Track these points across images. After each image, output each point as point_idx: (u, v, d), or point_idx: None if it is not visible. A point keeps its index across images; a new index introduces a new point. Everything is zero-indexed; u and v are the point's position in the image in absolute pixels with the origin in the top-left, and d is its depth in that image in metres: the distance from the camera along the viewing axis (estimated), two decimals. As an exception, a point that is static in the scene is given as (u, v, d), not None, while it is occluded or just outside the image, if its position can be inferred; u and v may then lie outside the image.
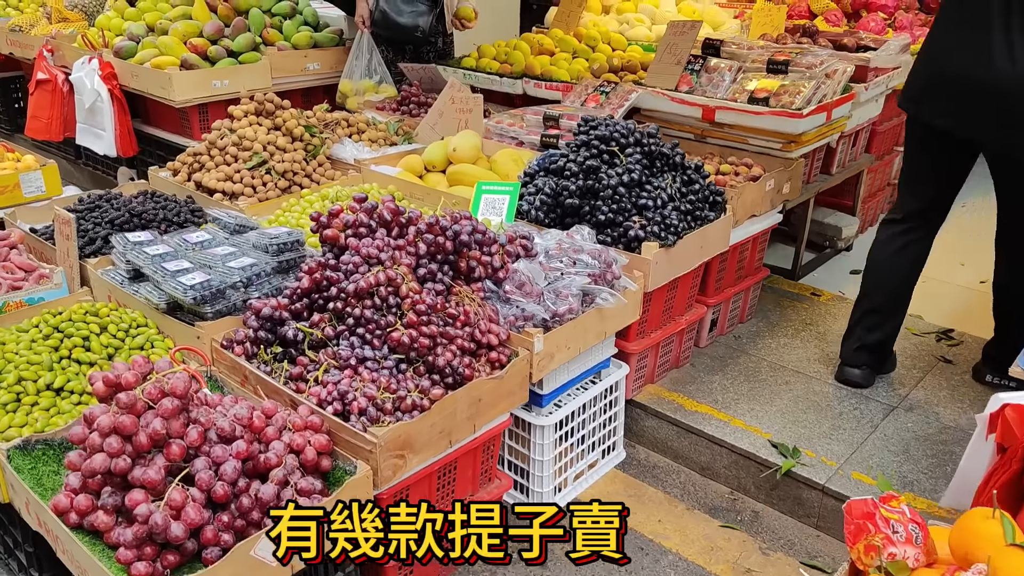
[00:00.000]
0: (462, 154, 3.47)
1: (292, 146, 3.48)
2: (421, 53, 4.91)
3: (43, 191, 3.95)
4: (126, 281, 2.67)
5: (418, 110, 4.37)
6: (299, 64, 4.85)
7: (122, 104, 4.64)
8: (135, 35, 4.59)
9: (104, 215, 3.08)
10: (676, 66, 3.84)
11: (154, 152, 4.86)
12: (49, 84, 5.04)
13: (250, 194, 3.33)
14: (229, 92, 4.53)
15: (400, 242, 2.30)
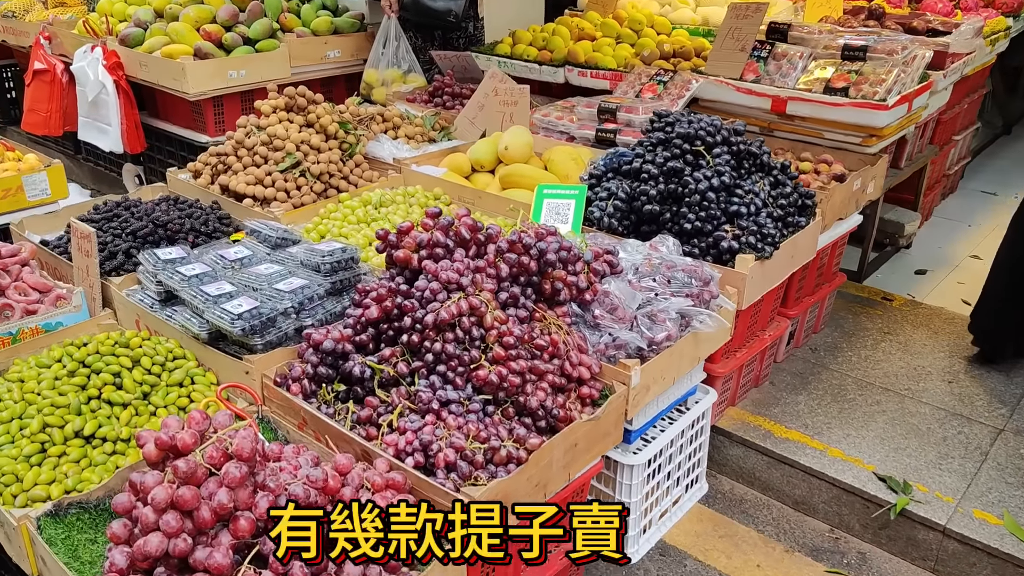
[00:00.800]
0: (515, 153, 3.18)
1: (326, 145, 3.19)
2: (451, 39, 4.60)
3: (48, 194, 3.64)
4: (157, 304, 2.38)
5: (452, 102, 4.07)
6: (319, 52, 4.53)
7: (129, 96, 4.32)
8: (142, 21, 4.26)
9: (124, 226, 2.78)
10: (740, 52, 3.55)
11: (163, 148, 4.54)
12: (47, 74, 4.72)
13: (283, 199, 3.03)
14: (246, 83, 4.22)
15: (479, 263, 2.02)
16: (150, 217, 2.80)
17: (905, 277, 4.18)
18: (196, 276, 2.28)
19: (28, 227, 2.97)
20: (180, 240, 2.77)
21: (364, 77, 4.44)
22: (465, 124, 3.74)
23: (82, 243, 2.50)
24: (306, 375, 2.04)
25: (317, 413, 1.95)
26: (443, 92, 4.13)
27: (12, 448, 1.94)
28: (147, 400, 2.11)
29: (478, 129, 3.73)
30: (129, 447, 1.99)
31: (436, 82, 4.18)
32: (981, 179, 5.68)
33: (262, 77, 4.28)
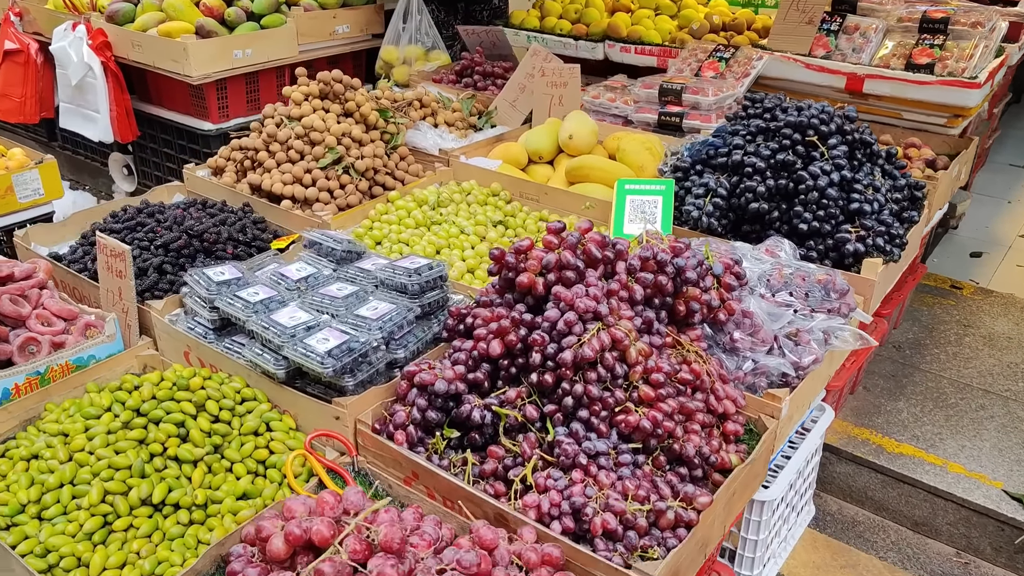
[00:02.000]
0: (580, 142, 2.89)
1: (367, 137, 2.86)
2: (474, 12, 4.26)
3: (41, 194, 3.26)
4: (211, 333, 2.06)
5: (484, 82, 3.75)
6: (327, 27, 4.16)
7: (118, 80, 3.91)
8: (131, -5, 3.84)
9: (152, 236, 2.45)
10: (807, 26, 3.29)
11: (157, 136, 4.14)
12: (20, 55, 4.26)
13: (327, 200, 2.71)
14: (252, 63, 3.85)
15: (612, 285, 1.74)
16: (182, 227, 2.46)
17: (960, 260, 4.02)
18: (262, 303, 1.96)
19: (34, 238, 2.60)
20: (218, 251, 2.44)
21: (381, 55, 4.09)
22: (505, 107, 3.44)
23: (113, 262, 2.17)
24: (412, 420, 1.76)
25: (433, 467, 1.67)
26: (472, 71, 3.81)
27: (67, 523, 1.64)
28: (219, 454, 1.80)
29: (520, 113, 3.42)
30: (208, 514, 1.69)
31: (464, 60, 3.85)
32: (1006, 151, 5.54)
33: (268, 57, 3.91)
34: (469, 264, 2.37)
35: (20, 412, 1.94)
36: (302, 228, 2.63)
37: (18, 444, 1.85)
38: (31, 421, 1.95)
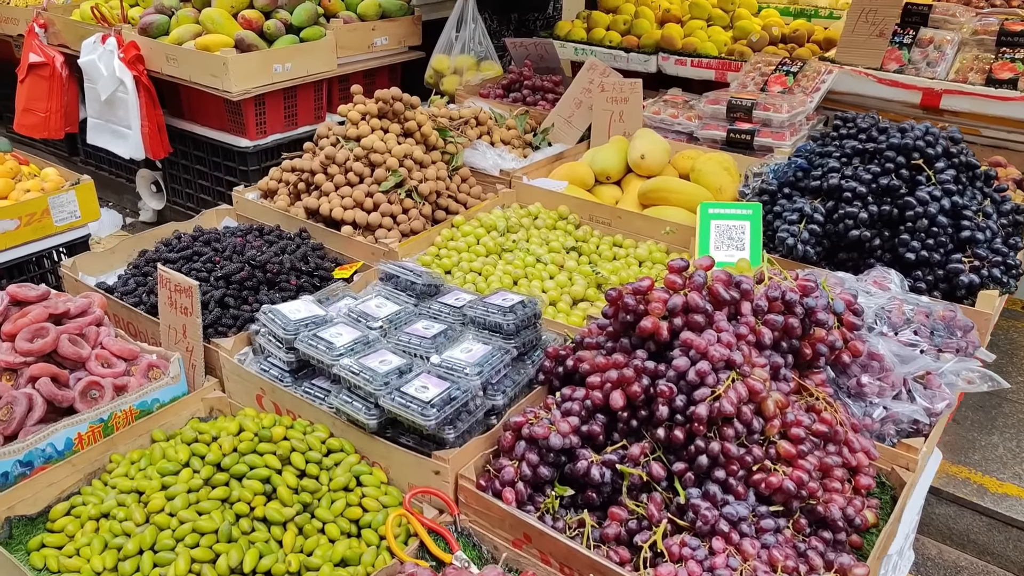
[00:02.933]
0: (653, 162, 2.76)
1: (428, 158, 2.72)
2: (527, 22, 4.14)
3: (77, 216, 3.12)
4: (286, 376, 1.92)
5: (533, 96, 3.62)
6: (366, 39, 4.03)
7: (151, 94, 3.77)
8: (165, 7, 3.71)
9: (209, 266, 2.30)
10: (878, 39, 3.16)
11: (190, 153, 4.00)
12: (45, 69, 4.13)
13: (390, 225, 2.57)
14: (291, 78, 3.71)
15: (741, 329, 1.60)
16: (243, 257, 2.32)
17: None
18: (348, 346, 1.82)
19: (82, 268, 2.46)
20: (281, 282, 2.30)
21: (432, 63, 3.96)
22: (561, 124, 3.30)
23: (178, 298, 2.02)
24: (521, 477, 1.62)
25: (548, 530, 1.53)
26: (522, 85, 3.68)
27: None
28: (309, 513, 1.66)
29: (577, 129, 3.29)
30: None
31: (512, 74, 3.72)
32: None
33: (308, 71, 3.77)
34: (551, 296, 2.23)
35: (84, 465, 1.80)
36: (365, 255, 2.49)
37: (85, 501, 1.71)
38: (96, 474, 1.81)
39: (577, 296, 2.25)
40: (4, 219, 2.89)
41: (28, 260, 3.03)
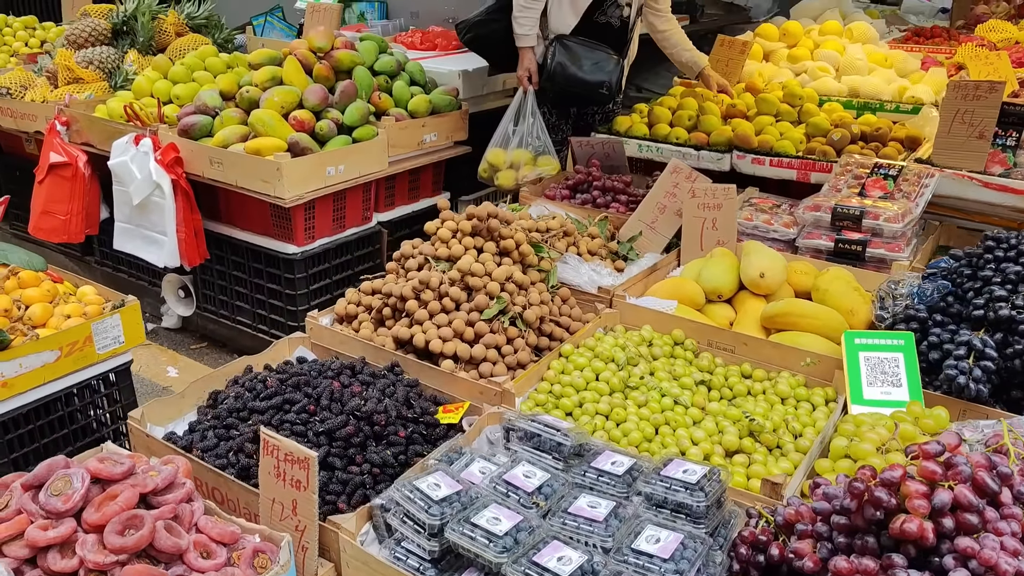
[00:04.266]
0: (773, 280, 2.55)
1: (526, 278, 2.48)
2: (585, 115, 3.98)
3: (121, 342, 2.82)
4: (428, 567, 1.63)
5: (603, 198, 3.42)
6: (416, 136, 3.83)
7: (189, 199, 3.52)
8: (208, 107, 3.48)
9: (304, 416, 2.02)
10: (978, 140, 3.02)
11: (226, 258, 3.73)
12: (67, 169, 3.87)
13: (495, 358, 2.31)
14: (344, 180, 3.49)
15: (1012, 526, 1.35)
16: (345, 407, 2.04)
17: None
18: (511, 535, 1.54)
19: (150, 417, 2.15)
20: (390, 436, 2.02)
21: (488, 157, 3.76)
22: (646, 231, 3.10)
23: (289, 469, 1.73)
24: None
25: None
26: (589, 185, 3.48)
27: None
28: None
29: (662, 236, 3.09)
30: None
31: (579, 174, 3.53)
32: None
33: (360, 172, 3.56)
34: (703, 448, 1.98)
35: None
36: (470, 394, 2.23)
37: None
38: None
39: (731, 448, 1.99)
40: (44, 351, 2.58)
41: (68, 393, 2.71)
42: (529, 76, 3.67)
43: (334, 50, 3.67)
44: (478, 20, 3.71)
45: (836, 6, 5.13)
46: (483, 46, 3.82)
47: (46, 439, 2.70)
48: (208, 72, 4.02)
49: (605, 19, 3.65)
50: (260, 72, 3.52)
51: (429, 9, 4.84)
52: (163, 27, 4.47)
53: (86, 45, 4.29)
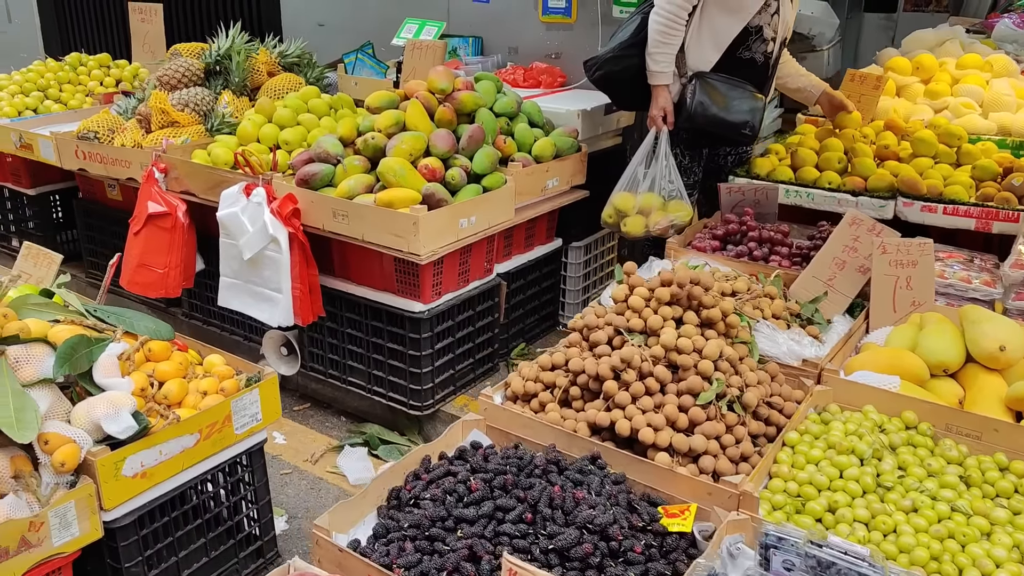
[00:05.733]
0: (1015, 353, 2.24)
1: (734, 352, 2.19)
2: (716, 157, 3.72)
3: (258, 419, 2.57)
4: None
5: (760, 249, 3.13)
6: (540, 182, 3.58)
7: (305, 253, 3.28)
8: (329, 154, 3.24)
9: (523, 527, 1.73)
10: None
11: (340, 315, 3.47)
12: (167, 219, 3.64)
13: (716, 451, 2.02)
14: (474, 233, 3.24)
15: None
16: (570, 516, 1.75)
17: None
18: None
19: (333, 526, 1.87)
20: (627, 552, 1.72)
21: (614, 202, 3.49)
22: (818, 289, 2.81)
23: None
24: None
25: None
26: (744, 237, 3.20)
27: None
28: None
29: (843, 296, 2.80)
30: None
31: (731, 223, 3.25)
32: None
33: (489, 223, 3.30)
34: (1012, 573, 1.66)
35: None
36: (694, 493, 1.94)
37: None
38: None
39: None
40: (184, 435, 2.32)
41: (204, 479, 2.44)
42: (666, 114, 3.41)
43: (456, 92, 3.43)
44: (611, 56, 3.45)
45: (953, 37, 4.85)
46: (613, 83, 3.55)
47: (180, 531, 2.43)
48: (312, 114, 3.80)
49: (749, 55, 3.39)
50: (382, 117, 3.27)
51: (530, 44, 4.60)
52: (255, 66, 4.26)
53: (179, 86, 4.08)
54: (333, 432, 3.62)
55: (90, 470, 2.13)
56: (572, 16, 4.42)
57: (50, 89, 4.96)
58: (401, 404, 3.42)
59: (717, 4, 3.31)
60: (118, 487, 2.18)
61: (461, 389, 3.56)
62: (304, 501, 3.14)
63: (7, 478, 2.06)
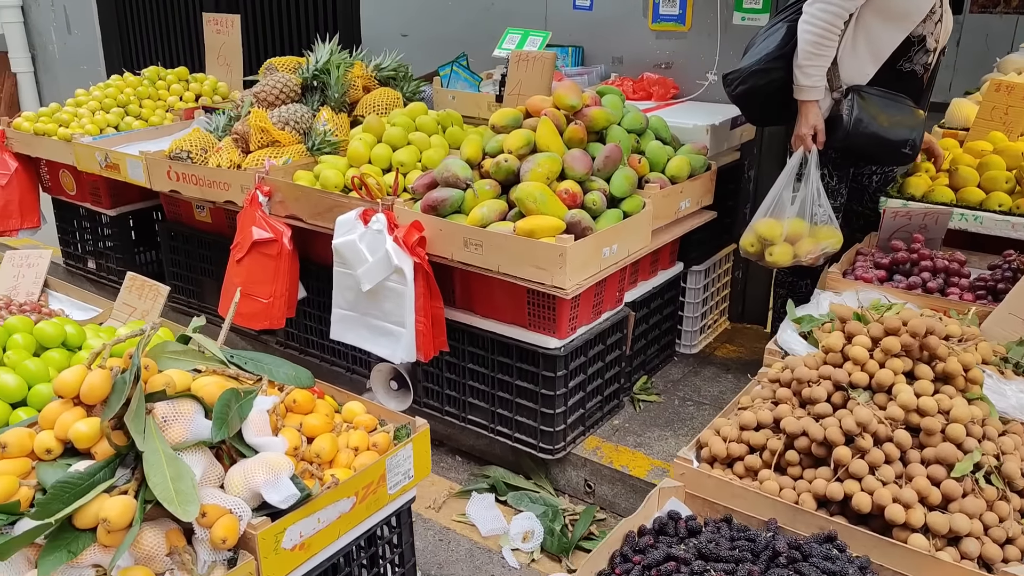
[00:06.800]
0: None
1: (979, 411, 1.91)
2: (861, 177, 3.44)
3: (410, 477, 2.32)
4: None
5: (934, 280, 2.84)
6: (674, 204, 3.32)
7: (430, 285, 3.04)
8: (458, 178, 3.00)
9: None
10: None
11: (462, 349, 3.23)
12: (272, 246, 3.43)
13: (978, 533, 1.74)
14: (614, 262, 2.98)
15: None
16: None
17: None
18: None
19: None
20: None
21: (757, 229, 3.22)
22: (1017, 328, 2.51)
23: None
24: None
25: None
26: (914, 266, 2.91)
27: None
28: None
29: (1047, 337, 2.49)
30: None
31: (899, 251, 2.96)
32: None
33: (628, 251, 3.05)
34: None
35: None
36: (960, 586, 1.66)
37: None
38: None
39: None
40: (341, 499, 2.08)
41: (357, 546, 2.20)
42: (816, 133, 3.13)
43: (586, 108, 3.18)
44: (756, 69, 3.16)
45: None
46: (755, 99, 3.27)
47: (331, 605, 2.19)
48: (421, 133, 3.57)
49: (910, 67, 3.11)
50: (513, 137, 3.03)
51: (636, 54, 4.33)
52: (351, 80, 4.04)
53: (276, 103, 3.87)
54: (450, 474, 3.38)
55: (249, 544, 1.90)
56: (686, 23, 4.16)
57: (130, 105, 4.78)
58: (529, 446, 3.18)
59: (876, 12, 3.02)
60: (278, 561, 1.95)
61: (590, 429, 3.30)
62: (435, 555, 2.90)
63: (162, 555, 1.84)
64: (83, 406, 1.96)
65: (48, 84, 8.52)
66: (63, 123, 4.59)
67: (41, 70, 8.51)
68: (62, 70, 8.26)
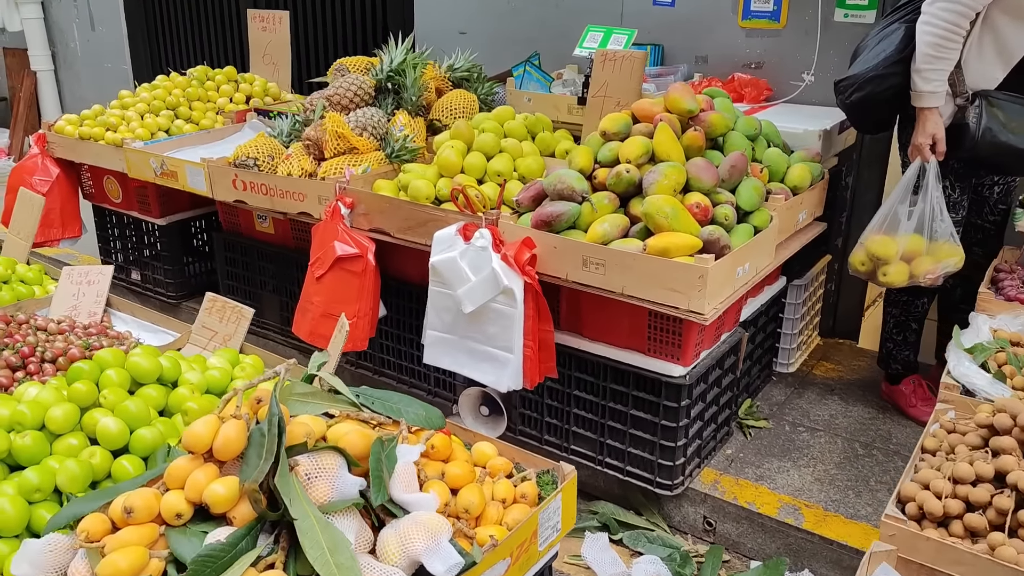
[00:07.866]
0: None
1: None
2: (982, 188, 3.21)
3: (558, 530, 2.10)
4: None
5: (1097, 303, 2.61)
6: (794, 216, 3.09)
7: (539, 306, 2.80)
8: (575, 190, 2.76)
9: None
10: None
11: (568, 375, 3.00)
12: (357, 262, 3.20)
13: None
14: (744, 283, 2.75)
15: None
16: None
17: None
18: None
19: None
20: None
21: (868, 246, 3.00)
22: None
23: None
24: None
25: None
26: (1072, 287, 2.68)
27: None
28: None
29: None
30: None
31: None
32: None
33: (757, 270, 2.81)
34: None
35: None
36: None
37: None
38: None
39: None
40: (498, 561, 1.85)
41: (507, 614, 1.97)
42: (936, 142, 2.89)
43: (703, 112, 2.94)
44: (875, 75, 2.92)
45: None
46: (870, 107, 3.03)
47: (479, 676, 1.96)
48: (512, 139, 3.33)
49: (1044, 70, 2.87)
50: (630, 145, 2.79)
51: (723, 53, 4.09)
52: (425, 82, 3.80)
53: (350, 107, 3.63)
54: (551, 508, 3.14)
55: (409, 621, 1.67)
56: (781, 20, 3.92)
57: (180, 107, 4.54)
58: (644, 480, 2.95)
59: (1005, 11, 2.77)
60: (439, 639, 1.72)
61: (705, 460, 3.07)
62: (555, 604, 2.68)
63: (317, 637, 1.61)
64: (214, 462, 1.74)
65: (69, 82, 8.26)
66: (110, 126, 4.34)
67: (62, 68, 8.25)
68: (84, 68, 8.00)
